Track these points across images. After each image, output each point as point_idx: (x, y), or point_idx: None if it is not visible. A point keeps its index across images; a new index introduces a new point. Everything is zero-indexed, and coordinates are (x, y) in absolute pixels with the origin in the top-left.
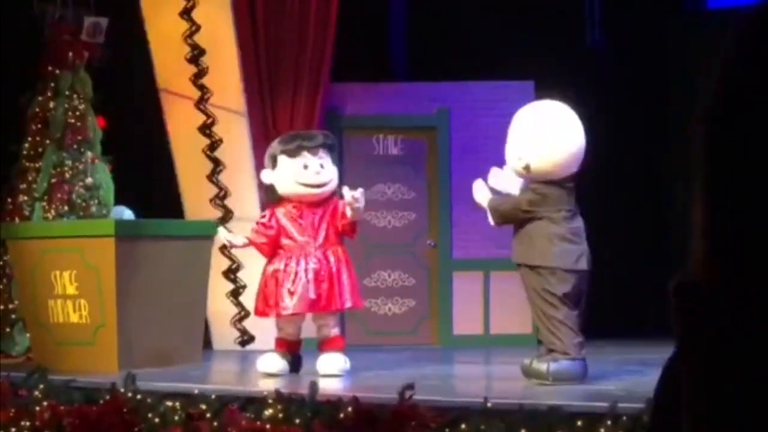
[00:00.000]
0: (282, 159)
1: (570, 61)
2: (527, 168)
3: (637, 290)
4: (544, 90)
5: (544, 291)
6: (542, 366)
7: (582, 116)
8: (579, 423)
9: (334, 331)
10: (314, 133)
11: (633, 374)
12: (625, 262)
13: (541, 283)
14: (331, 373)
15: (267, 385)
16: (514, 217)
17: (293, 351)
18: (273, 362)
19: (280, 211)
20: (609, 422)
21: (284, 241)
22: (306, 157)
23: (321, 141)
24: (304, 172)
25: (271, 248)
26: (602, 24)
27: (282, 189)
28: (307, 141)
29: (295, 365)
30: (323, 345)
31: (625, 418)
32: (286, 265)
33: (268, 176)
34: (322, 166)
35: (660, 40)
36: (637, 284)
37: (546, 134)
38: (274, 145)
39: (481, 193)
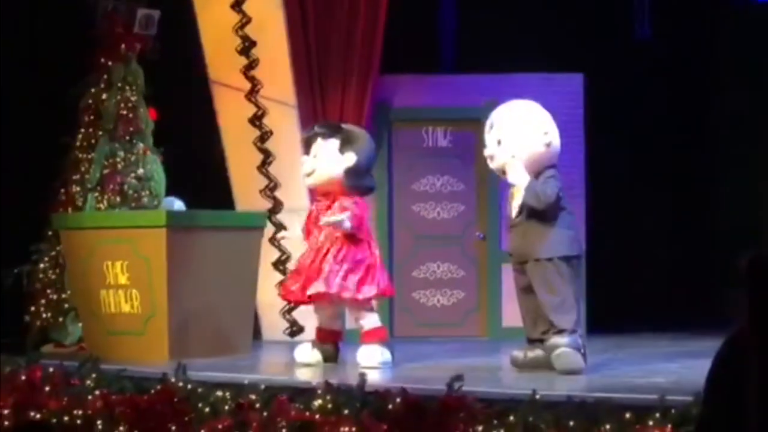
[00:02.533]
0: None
1: (618, 54)
2: (551, 143)
3: (687, 283)
4: (592, 83)
5: (567, 275)
6: (566, 339)
7: (630, 108)
8: (627, 415)
9: (369, 323)
10: (314, 126)
11: (682, 367)
12: (676, 255)
13: (565, 270)
14: (367, 364)
15: (316, 376)
16: (554, 207)
17: (330, 341)
18: (305, 353)
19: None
20: (658, 415)
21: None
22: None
23: (314, 131)
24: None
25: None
26: (651, 17)
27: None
28: (304, 134)
29: (332, 356)
30: (361, 337)
31: (674, 410)
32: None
33: None
34: (314, 156)
35: (709, 34)
36: (688, 277)
37: (551, 120)
38: None
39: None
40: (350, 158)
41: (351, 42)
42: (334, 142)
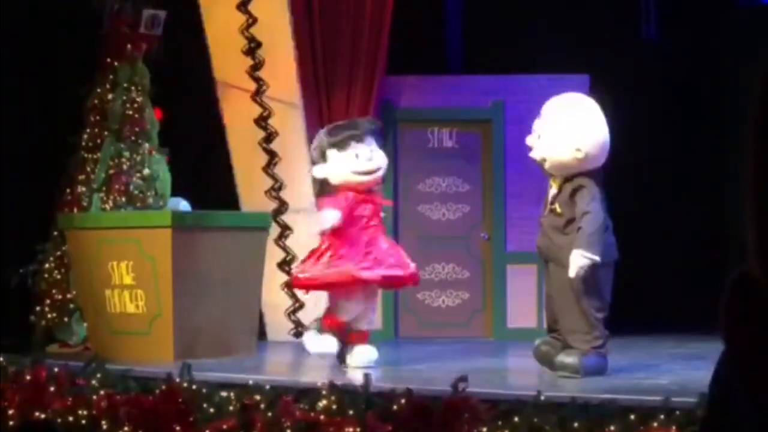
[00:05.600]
0: (332, 153)
1: (625, 54)
2: (585, 157)
3: (692, 284)
4: (599, 83)
5: (592, 286)
6: (573, 360)
7: (636, 109)
8: (632, 417)
9: (360, 324)
10: (358, 121)
11: (687, 368)
12: (681, 256)
13: (591, 278)
14: (356, 365)
15: (321, 377)
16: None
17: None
18: (316, 342)
19: (350, 196)
20: (662, 416)
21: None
22: (355, 146)
23: (367, 128)
24: (356, 161)
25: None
26: (657, 18)
27: (336, 180)
28: (353, 130)
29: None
30: (348, 337)
31: (678, 412)
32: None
33: (320, 171)
34: (371, 152)
35: (715, 35)
36: (692, 278)
37: (594, 121)
38: (322, 139)
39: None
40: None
41: (357, 42)
42: (378, 142)
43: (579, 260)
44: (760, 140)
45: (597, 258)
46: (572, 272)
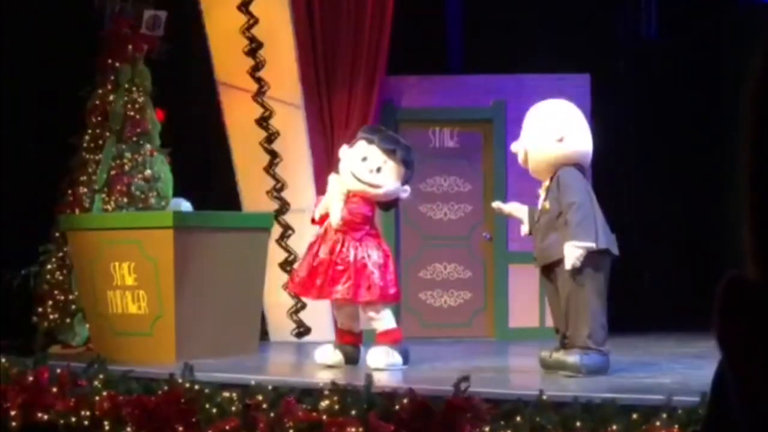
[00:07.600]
0: (344, 149)
1: (626, 53)
2: (565, 144)
3: (694, 283)
4: (599, 83)
5: (592, 281)
6: (574, 359)
7: (636, 109)
8: (634, 416)
9: (382, 325)
10: (378, 129)
11: (689, 367)
12: (684, 255)
13: (590, 273)
14: (374, 366)
15: (323, 377)
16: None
17: (350, 343)
18: (327, 354)
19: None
20: (664, 415)
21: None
22: (367, 149)
23: (382, 146)
24: (361, 163)
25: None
26: (657, 17)
27: (346, 180)
28: (366, 134)
29: (352, 357)
30: (375, 338)
31: (680, 411)
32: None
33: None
34: (379, 170)
35: (716, 33)
36: (695, 277)
37: (572, 117)
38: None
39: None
40: (405, 190)
41: (358, 42)
42: (398, 168)
43: (572, 251)
44: (755, 134)
45: (591, 244)
46: (567, 264)
